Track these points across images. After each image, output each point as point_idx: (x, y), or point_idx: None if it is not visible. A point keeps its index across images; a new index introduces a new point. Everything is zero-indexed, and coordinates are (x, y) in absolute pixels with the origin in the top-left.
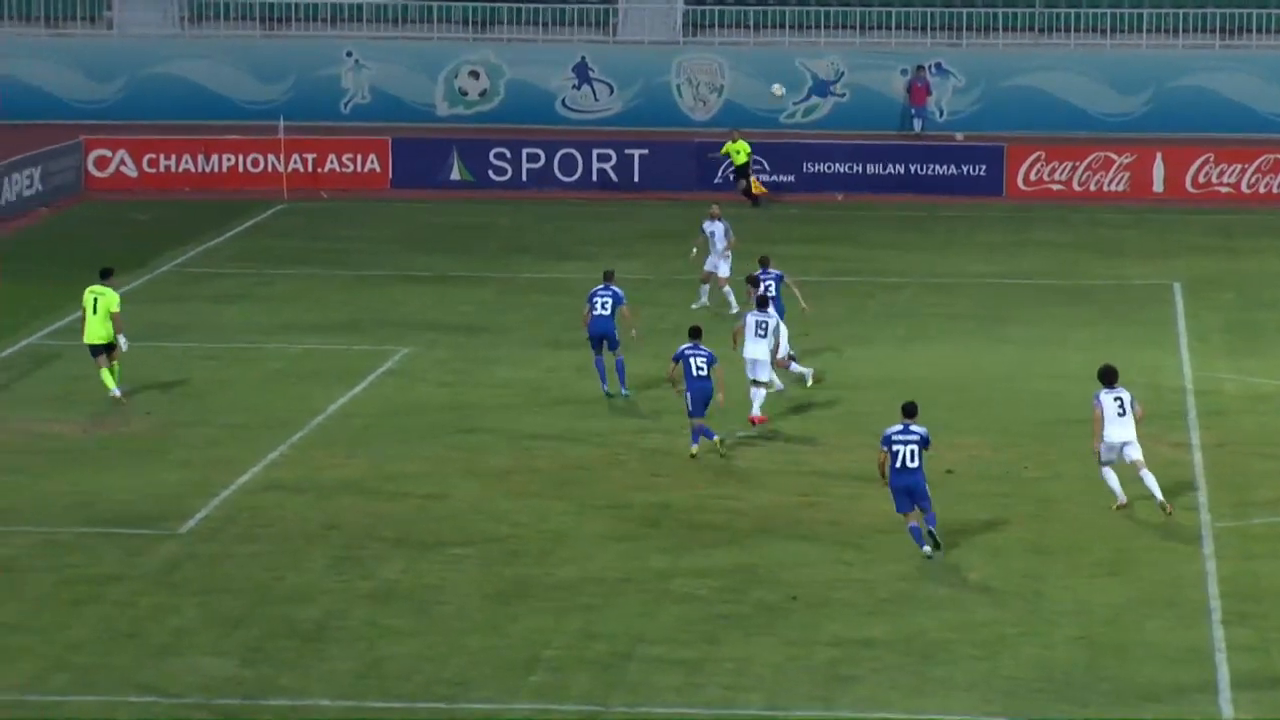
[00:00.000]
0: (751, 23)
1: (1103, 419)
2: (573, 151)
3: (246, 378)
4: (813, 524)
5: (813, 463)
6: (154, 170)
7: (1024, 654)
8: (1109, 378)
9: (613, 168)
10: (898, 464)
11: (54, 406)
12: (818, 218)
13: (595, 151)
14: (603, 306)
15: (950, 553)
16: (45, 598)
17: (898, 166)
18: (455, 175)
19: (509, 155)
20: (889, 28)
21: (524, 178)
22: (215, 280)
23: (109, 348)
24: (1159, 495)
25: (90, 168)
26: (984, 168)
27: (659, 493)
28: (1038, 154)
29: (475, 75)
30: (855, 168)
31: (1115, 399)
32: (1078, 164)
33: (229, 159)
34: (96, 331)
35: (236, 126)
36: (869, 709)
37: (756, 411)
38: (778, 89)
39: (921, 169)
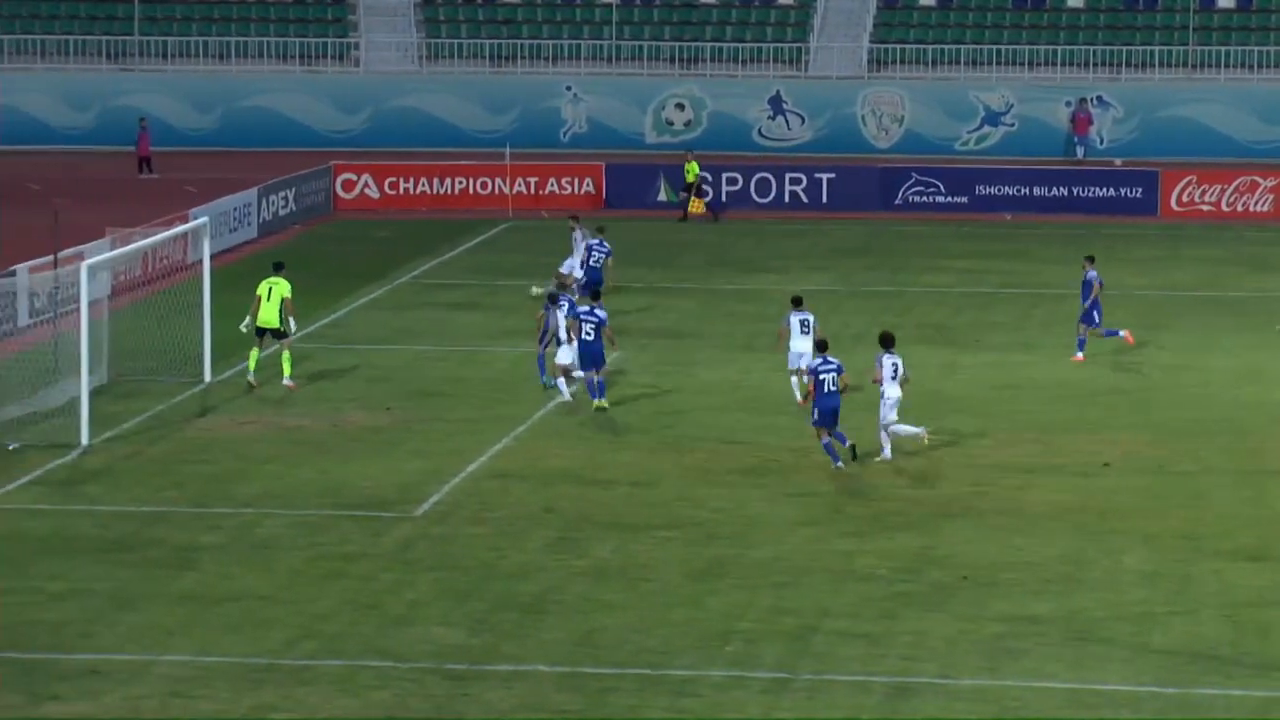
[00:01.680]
0: (930, 59)
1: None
2: (768, 175)
3: (476, 377)
4: (983, 511)
5: (985, 456)
6: (394, 192)
7: (1174, 631)
8: (887, 342)
9: (803, 190)
10: (824, 389)
11: (305, 402)
12: (989, 235)
13: (788, 175)
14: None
15: (1108, 539)
16: (297, 573)
17: (1061, 189)
18: (662, 196)
19: (710, 179)
20: (1055, 64)
21: (724, 198)
22: (448, 290)
23: (278, 333)
24: (902, 434)
25: (338, 190)
26: (1140, 190)
27: (843, 483)
28: (1190, 178)
29: (681, 107)
30: (1023, 190)
31: (893, 363)
32: (1226, 187)
33: (461, 182)
34: (269, 316)
35: (468, 154)
36: (1033, 679)
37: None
38: (535, 290)
39: (1083, 191)
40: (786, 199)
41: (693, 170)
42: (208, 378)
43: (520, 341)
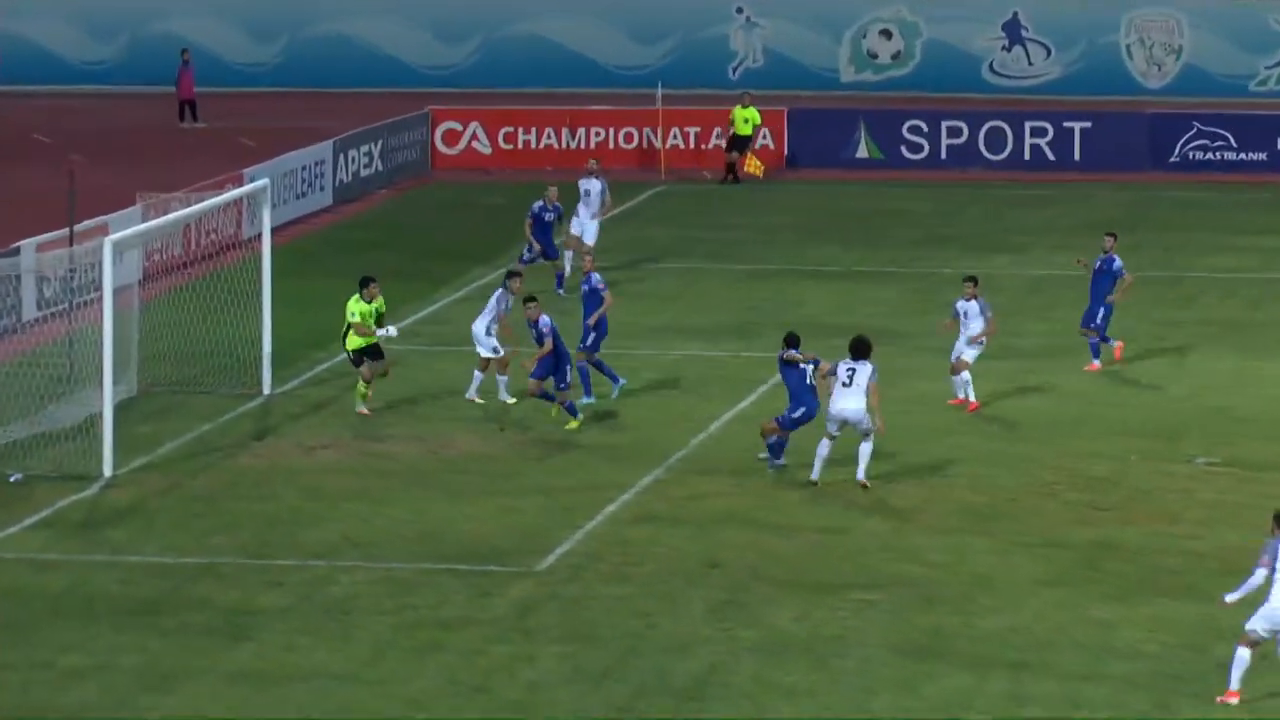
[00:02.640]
0: None
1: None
2: (1001, 125)
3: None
4: None
5: None
6: (510, 146)
7: None
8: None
9: (1048, 143)
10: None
11: (398, 420)
12: None
13: (1028, 124)
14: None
15: None
16: (383, 644)
17: None
18: (862, 152)
19: (925, 129)
20: None
21: (943, 155)
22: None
23: (375, 353)
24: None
25: (438, 143)
26: None
27: (1102, 529)
28: None
29: (887, 35)
30: None
31: (848, 370)
32: None
33: (598, 133)
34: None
35: (608, 96)
36: None
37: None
38: (389, 330)
39: None
40: (1026, 155)
41: (753, 119)
42: (267, 389)
43: (675, 341)
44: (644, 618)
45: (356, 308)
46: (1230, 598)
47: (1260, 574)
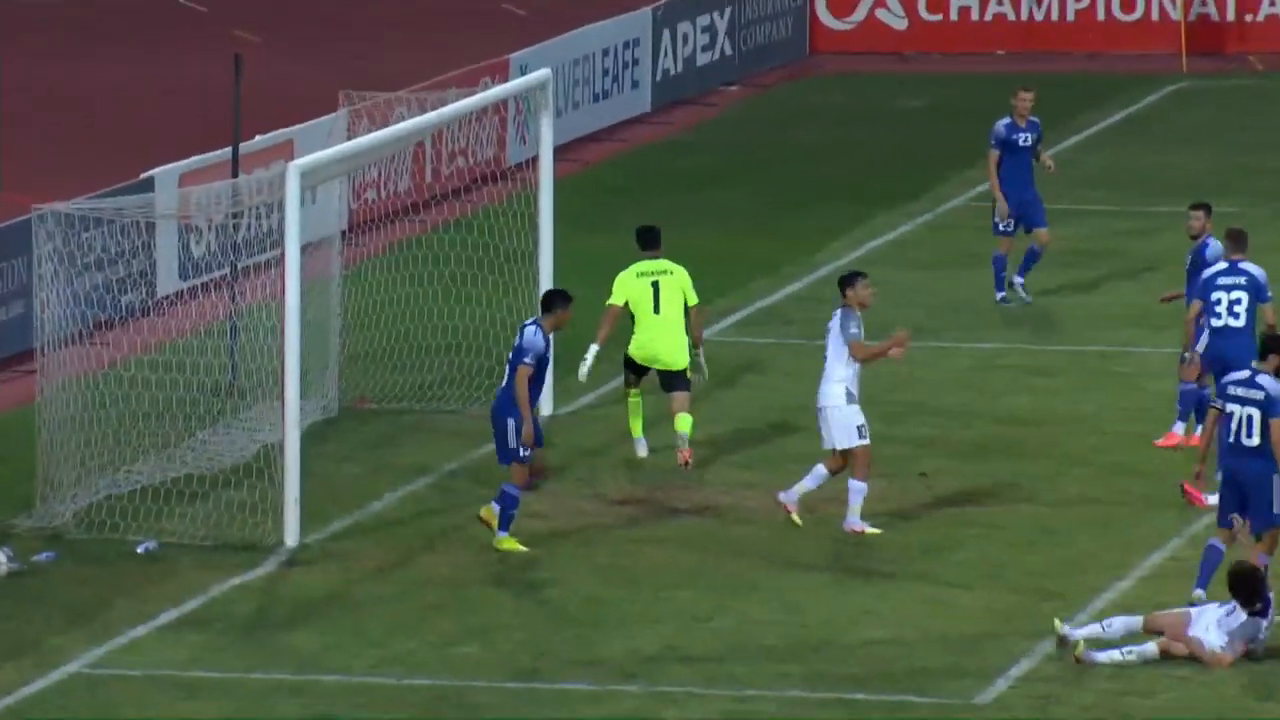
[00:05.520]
0: None
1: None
2: None
3: (1109, 407)
4: None
5: None
6: (937, 16)
7: None
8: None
9: None
10: (1230, 438)
11: (747, 458)
12: None
13: None
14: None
15: None
16: None
17: None
18: None
19: None
20: None
21: None
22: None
23: (677, 377)
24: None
25: (820, 11)
26: None
27: None
28: None
29: None
30: None
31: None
32: None
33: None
34: (657, 342)
35: None
36: None
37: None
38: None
39: None
40: None
41: None
42: (547, 406)
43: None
44: None
45: (688, 279)
46: None
47: None
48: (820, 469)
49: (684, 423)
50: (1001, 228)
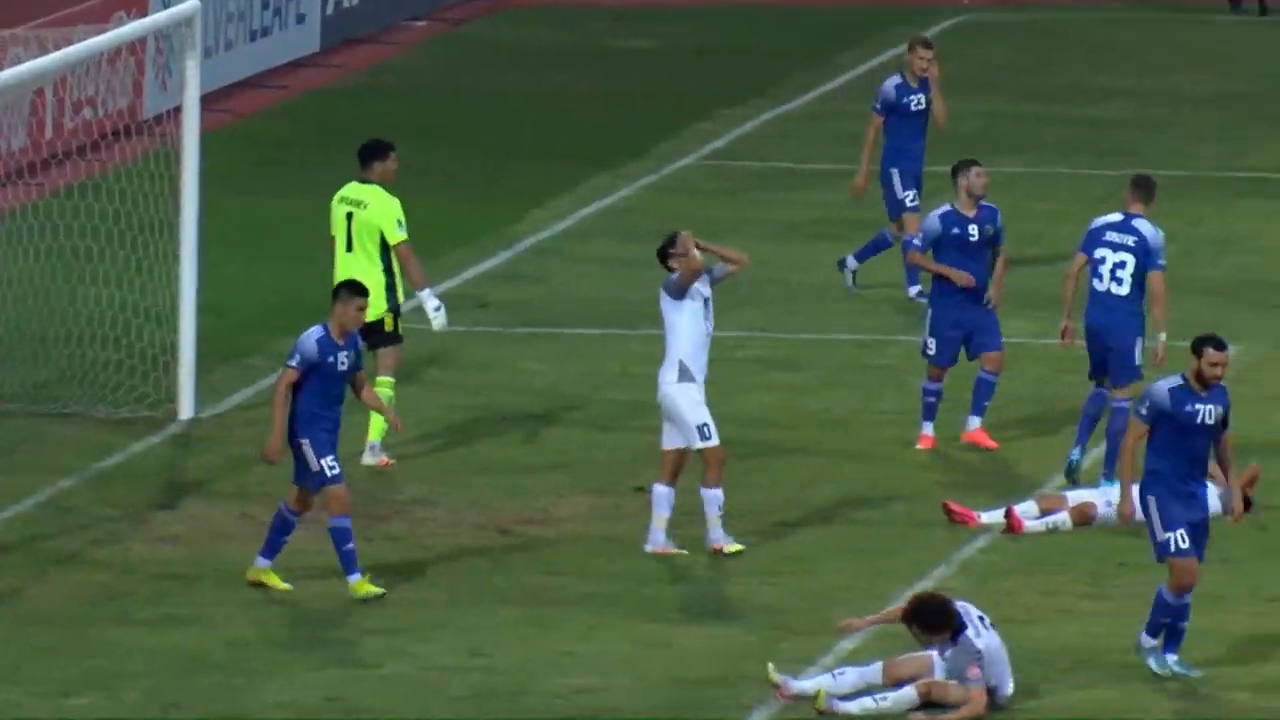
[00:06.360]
0: None
1: None
2: None
3: (866, 409)
4: None
5: None
6: None
7: None
8: None
9: None
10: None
11: (423, 469)
12: None
13: None
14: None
15: None
16: None
17: None
18: None
19: None
20: None
21: None
22: (791, 184)
23: (379, 331)
24: None
25: None
26: None
27: None
28: None
29: None
30: None
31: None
32: None
33: None
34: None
35: None
36: None
37: None
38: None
39: None
40: None
41: None
42: (187, 409)
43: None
44: None
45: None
46: None
47: None
48: (659, 489)
49: (383, 388)
50: (909, 203)
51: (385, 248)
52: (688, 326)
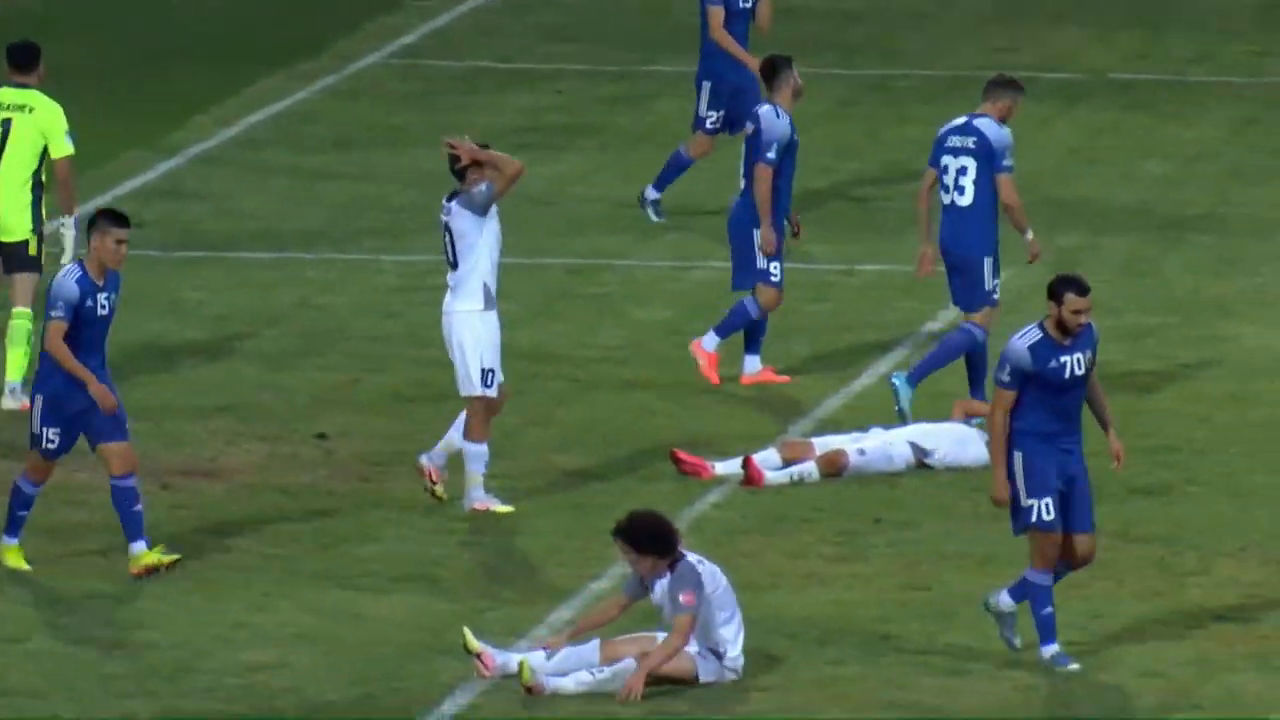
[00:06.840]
0: None
1: None
2: None
3: (581, 343)
4: None
5: None
6: None
7: None
8: None
9: None
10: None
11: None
12: None
13: None
14: None
15: None
16: None
17: None
18: None
19: None
20: None
21: None
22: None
23: (21, 255)
24: None
25: None
26: None
27: None
28: None
29: None
30: None
31: None
32: None
33: None
34: None
35: None
36: None
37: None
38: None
39: None
40: None
41: None
42: None
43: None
44: None
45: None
46: None
47: None
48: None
49: (21, 321)
50: (709, 124)
51: (40, 160)
52: (491, 245)
